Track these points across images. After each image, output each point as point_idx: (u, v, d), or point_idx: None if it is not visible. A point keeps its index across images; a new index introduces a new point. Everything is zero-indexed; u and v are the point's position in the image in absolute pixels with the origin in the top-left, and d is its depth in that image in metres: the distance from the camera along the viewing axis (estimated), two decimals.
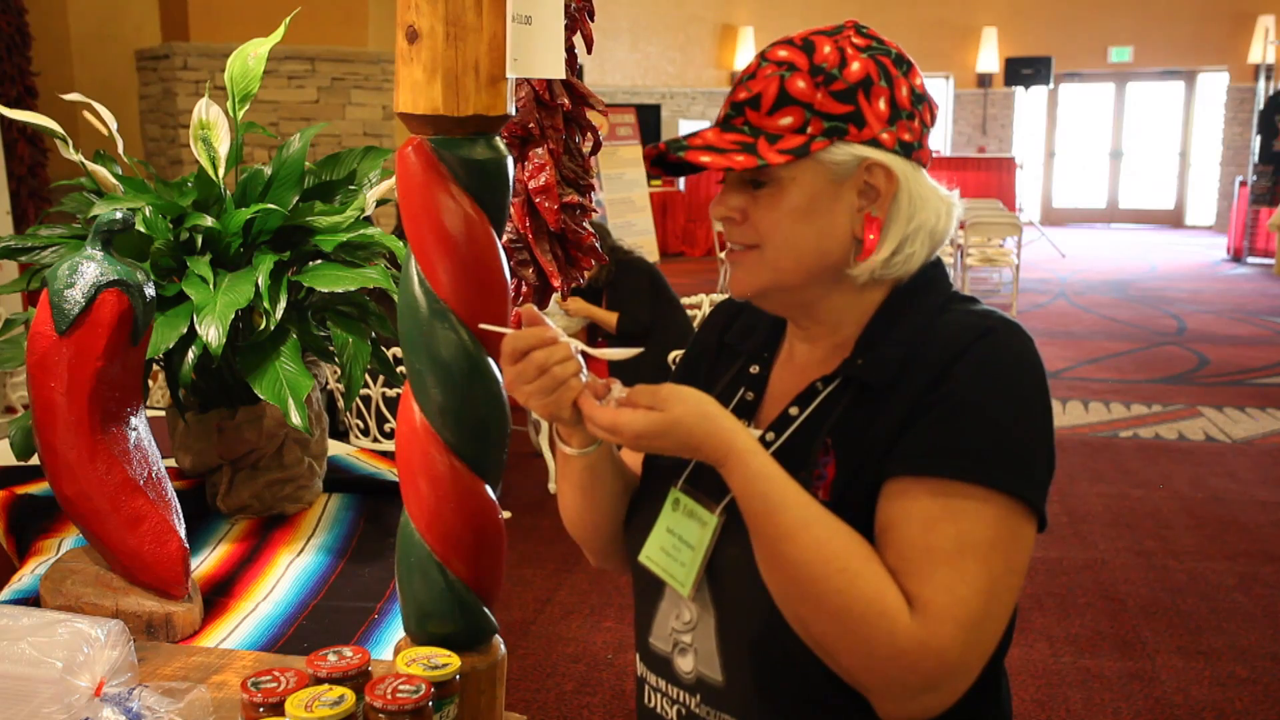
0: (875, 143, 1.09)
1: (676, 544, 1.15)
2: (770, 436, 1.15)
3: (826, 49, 1.10)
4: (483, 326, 1.15)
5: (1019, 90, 15.41)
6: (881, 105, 1.09)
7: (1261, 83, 12.58)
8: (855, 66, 1.09)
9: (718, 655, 1.13)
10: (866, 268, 1.12)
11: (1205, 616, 3.77)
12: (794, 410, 1.15)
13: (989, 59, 15.80)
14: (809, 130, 1.08)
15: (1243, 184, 12.80)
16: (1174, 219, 16.34)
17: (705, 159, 1.07)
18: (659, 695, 1.20)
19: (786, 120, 1.09)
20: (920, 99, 1.12)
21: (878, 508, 1.06)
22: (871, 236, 1.10)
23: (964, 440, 1.03)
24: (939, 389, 1.05)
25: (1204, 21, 15.15)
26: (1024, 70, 15.00)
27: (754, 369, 1.23)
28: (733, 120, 1.12)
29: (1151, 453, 5.62)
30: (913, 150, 1.12)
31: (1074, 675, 3.36)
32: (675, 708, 1.18)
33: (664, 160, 1.13)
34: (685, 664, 1.16)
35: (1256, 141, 11.94)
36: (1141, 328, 8.93)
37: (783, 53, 1.11)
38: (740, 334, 1.27)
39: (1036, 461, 1.05)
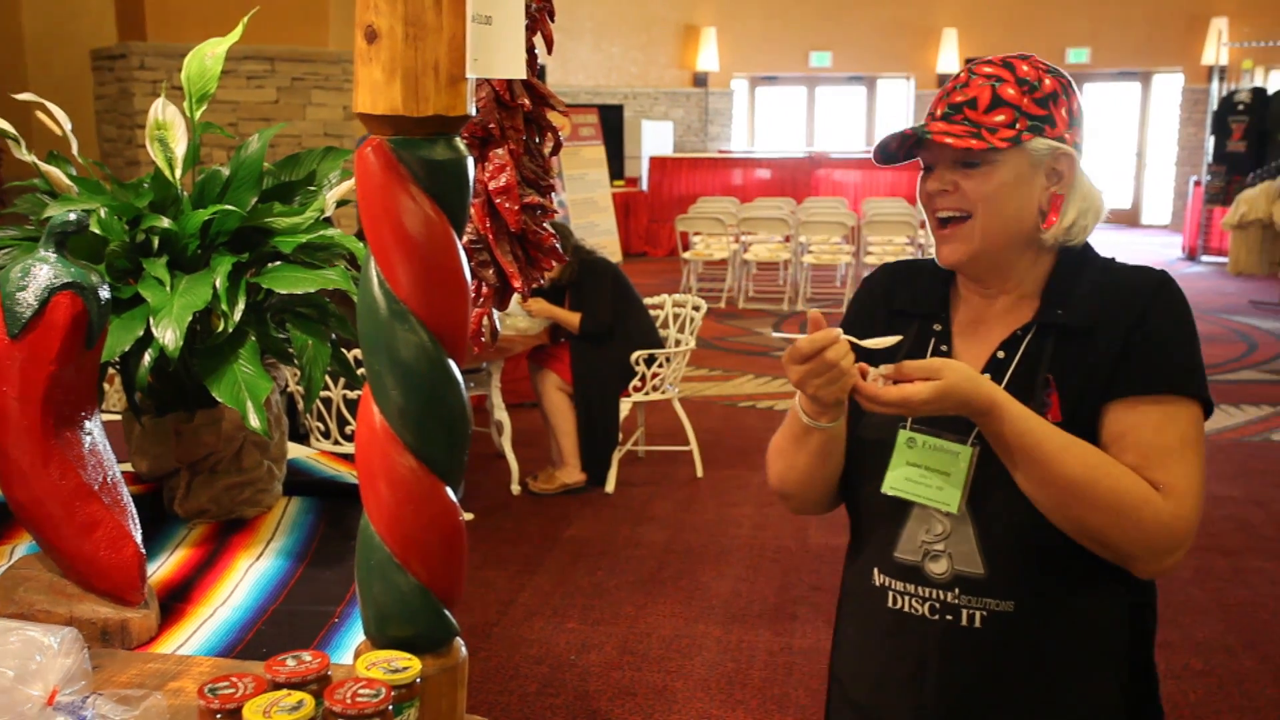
0: (1061, 140, 1.42)
1: (924, 473, 1.43)
2: (986, 378, 1.39)
3: (1024, 68, 1.43)
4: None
5: None
6: (1064, 113, 1.42)
7: (1215, 84, 12.76)
8: (1047, 83, 1.42)
9: (979, 554, 1.41)
10: (1053, 233, 1.44)
11: (1161, 610, 3.81)
12: (1001, 354, 1.45)
13: (949, 59, 15.94)
14: (1017, 126, 1.40)
15: (1197, 184, 12.99)
16: (1130, 218, 16.56)
17: (949, 140, 1.39)
18: (906, 598, 1.47)
19: (1000, 118, 1.40)
20: (1083, 114, 1.46)
21: (1105, 422, 1.39)
22: (1055, 208, 1.43)
23: (1170, 363, 1.39)
24: (1142, 327, 1.39)
25: (1158, 23, 15.37)
26: None
27: (937, 326, 1.52)
28: (953, 117, 1.42)
29: None
30: (1081, 151, 1.45)
31: None
32: (926, 604, 1.45)
33: (889, 148, 1.44)
34: (938, 567, 1.44)
35: (1210, 142, 12.11)
36: None
37: (988, 69, 1.44)
38: (909, 300, 1.55)
39: (1204, 371, 1.42)
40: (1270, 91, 11.59)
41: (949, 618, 1.44)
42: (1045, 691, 1.44)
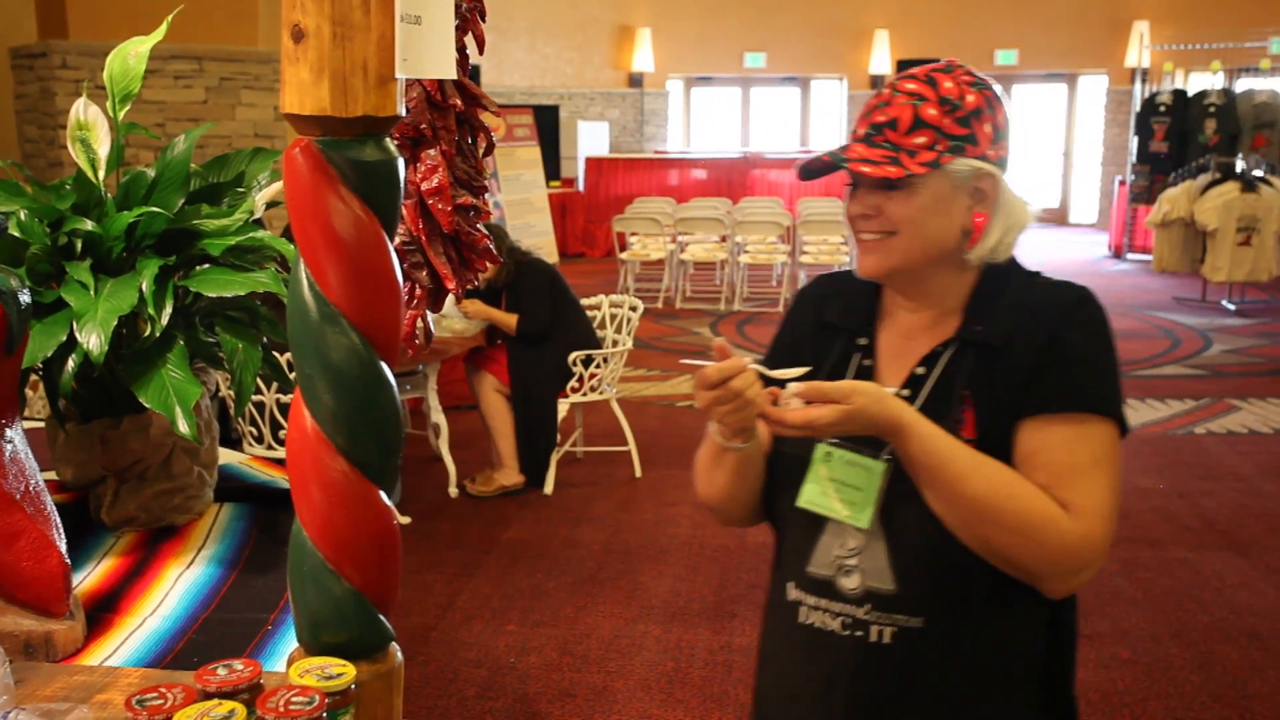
0: (984, 158, 1.40)
1: (839, 488, 1.42)
2: (906, 393, 1.43)
3: (948, 84, 1.41)
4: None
5: None
6: (987, 129, 1.41)
7: (1138, 85, 13.03)
8: (970, 99, 1.40)
9: (890, 570, 1.40)
10: (977, 253, 1.43)
11: (1089, 601, 3.90)
12: (920, 370, 1.44)
13: (881, 60, 16.11)
14: (938, 148, 1.39)
15: (1122, 183, 13.26)
16: (1058, 217, 16.86)
17: (867, 169, 1.38)
18: (819, 613, 1.46)
19: (920, 140, 1.39)
20: (1009, 124, 1.44)
21: (1018, 440, 1.37)
22: (978, 228, 1.42)
23: (1084, 382, 1.38)
24: (1057, 345, 1.38)
25: (1083, 26, 15.68)
26: None
27: (862, 340, 1.52)
28: (874, 138, 1.41)
29: None
30: (1006, 164, 1.44)
31: None
32: (838, 620, 1.44)
33: (812, 169, 1.43)
34: (850, 582, 1.43)
35: (1134, 142, 12.38)
36: None
37: (911, 85, 1.42)
38: (838, 314, 1.55)
39: (1121, 391, 1.41)
40: (1190, 93, 11.88)
41: (859, 634, 1.42)
42: (955, 709, 1.43)
